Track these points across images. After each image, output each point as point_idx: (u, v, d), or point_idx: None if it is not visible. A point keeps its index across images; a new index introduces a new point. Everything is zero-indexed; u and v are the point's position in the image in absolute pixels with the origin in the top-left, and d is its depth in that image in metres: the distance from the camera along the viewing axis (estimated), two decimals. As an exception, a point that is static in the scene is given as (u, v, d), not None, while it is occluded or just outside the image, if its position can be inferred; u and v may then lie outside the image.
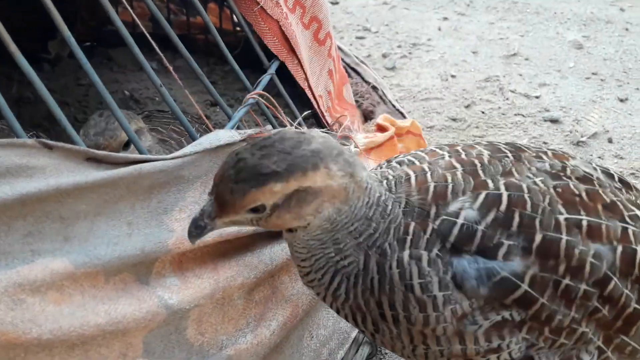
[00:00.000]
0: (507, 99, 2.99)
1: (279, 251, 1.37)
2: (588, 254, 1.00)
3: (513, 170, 1.06)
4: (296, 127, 1.55)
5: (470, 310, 0.99)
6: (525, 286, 0.98)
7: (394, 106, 2.27)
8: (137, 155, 1.10)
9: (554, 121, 2.76)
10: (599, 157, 2.51)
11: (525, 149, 1.14)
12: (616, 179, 1.15)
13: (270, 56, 1.67)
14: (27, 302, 0.97)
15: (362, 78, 2.41)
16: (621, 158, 2.50)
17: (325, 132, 1.57)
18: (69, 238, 1.02)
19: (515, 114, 2.84)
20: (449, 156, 1.10)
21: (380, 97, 2.31)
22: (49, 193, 0.99)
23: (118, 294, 1.08)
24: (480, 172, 1.05)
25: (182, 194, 1.17)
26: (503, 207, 1.00)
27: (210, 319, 1.22)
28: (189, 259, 1.19)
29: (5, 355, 0.98)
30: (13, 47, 1.04)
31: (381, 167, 1.15)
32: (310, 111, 1.64)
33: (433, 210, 1.01)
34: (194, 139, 1.25)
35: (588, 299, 1.00)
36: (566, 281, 0.99)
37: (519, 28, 3.82)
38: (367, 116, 2.24)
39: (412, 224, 1.00)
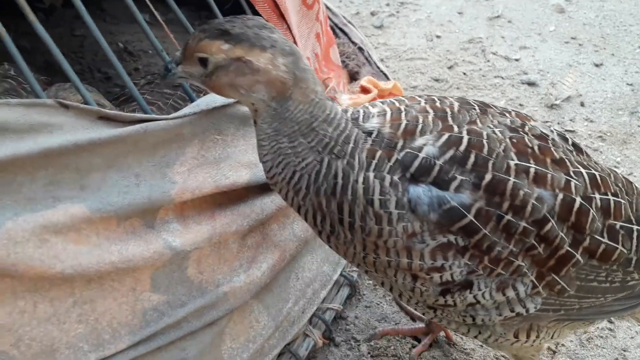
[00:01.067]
0: (488, 61, 3.11)
1: (268, 202, 1.52)
2: (531, 196, 1.11)
3: (477, 120, 1.18)
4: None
5: (420, 231, 1.10)
6: (470, 216, 1.09)
7: (378, 67, 2.39)
8: (143, 115, 1.23)
9: (531, 84, 2.89)
10: (571, 120, 2.66)
11: (492, 107, 1.26)
12: (570, 142, 1.28)
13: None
14: (51, 242, 1.12)
15: (349, 38, 2.51)
16: (591, 121, 2.65)
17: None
18: (84, 187, 1.16)
19: (495, 76, 2.97)
20: (425, 102, 1.21)
21: (366, 58, 2.43)
22: (67, 148, 1.12)
23: (128, 236, 1.23)
24: (449, 118, 1.17)
25: (182, 150, 1.31)
26: (462, 147, 1.11)
27: (208, 260, 1.38)
28: (189, 207, 1.35)
29: (33, 286, 1.13)
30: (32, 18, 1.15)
31: (364, 106, 1.25)
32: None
33: (400, 144, 1.12)
34: (193, 101, 1.38)
35: (526, 236, 1.11)
36: (508, 217, 1.10)
37: (504, -10, 3.89)
38: (352, 76, 2.37)
39: (379, 152, 1.12)
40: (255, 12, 1.72)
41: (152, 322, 1.29)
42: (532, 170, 1.12)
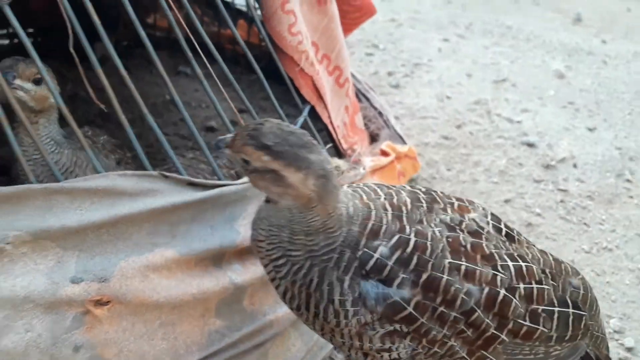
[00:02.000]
0: (493, 122, 3.49)
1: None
2: (461, 291, 1.27)
3: (424, 219, 1.34)
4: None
5: (371, 321, 1.27)
6: (410, 309, 1.26)
7: (395, 130, 2.78)
8: (220, 182, 1.61)
9: (530, 145, 3.26)
10: (564, 180, 3.01)
11: (439, 201, 1.41)
12: (503, 233, 1.43)
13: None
14: (151, 277, 1.49)
15: (371, 104, 2.91)
16: (582, 182, 3.00)
17: (343, 161, 2.09)
18: (175, 236, 1.54)
19: (498, 137, 3.34)
20: (384, 198, 1.36)
21: (385, 122, 2.82)
22: (165, 207, 1.50)
23: (203, 274, 1.60)
24: (404, 218, 1.32)
25: (245, 207, 1.69)
26: (409, 249, 1.28)
27: (259, 294, 1.74)
28: (247, 252, 1.71)
29: (133, 311, 1.50)
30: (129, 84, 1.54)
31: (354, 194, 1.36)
32: (331, 144, 2.16)
33: (362, 243, 1.28)
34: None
35: (457, 323, 1.29)
36: (441, 309, 1.27)
37: (510, 54, 4.30)
38: (373, 137, 2.75)
39: (348, 253, 1.27)
40: (299, 94, 2.12)
41: (216, 341, 1.64)
42: (462, 268, 1.29)
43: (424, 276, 1.26)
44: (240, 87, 3.82)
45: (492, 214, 1.47)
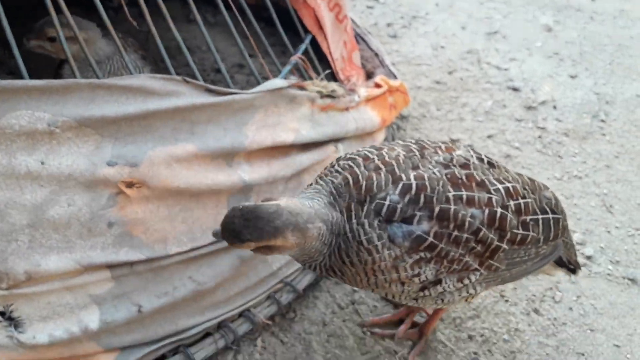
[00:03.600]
0: (482, 69, 3.72)
1: (304, 159, 2.15)
2: (467, 216, 1.52)
3: (419, 164, 1.58)
4: (320, 80, 2.32)
5: (401, 254, 1.52)
6: (430, 238, 1.51)
7: (389, 69, 3.02)
8: (232, 90, 1.87)
9: (515, 89, 3.51)
10: (543, 119, 3.27)
11: (428, 147, 1.65)
12: (485, 162, 1.67)
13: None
14: (173, 166, 1.76)
15: (368, 46, 3.15)
16: (560, 121, 3.26)
17: (338, 85, 2.35)
18: (194, 133, 1.81)
19: (486, 82, 3.59)
20: (377, 159, 1.59)
21: (380, 62, 3.06)
22: (187, 107, 1.77)
23: (216, 169, 1.87)
24: (396, 169, 1.55)
25: (252, 114, 1.96)
26: (413, 191, 1.51)
27: (264, 193, 2.02)
28: (254, 156, 1.98)
29: (159, 195, 1.77)
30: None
31: (330, 172, 1.62)
32: (329, 70, 2.41)
33: (368, 199, 1.52)
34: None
35: (468, 242, 1.55)
36: (455, 233, 1.52)
37: (503, 9, 4.51)
38: (369, 75, 3.00)
39: (353, 204, 1.52)
40: (303, 25, 2.36)
41: (227, 229, 1.93)
42: (464, 197, 1.55)
43: (436, 210, 1.51)
44: (251, 32, 4.05)
45: (472, 149, 1.71)
